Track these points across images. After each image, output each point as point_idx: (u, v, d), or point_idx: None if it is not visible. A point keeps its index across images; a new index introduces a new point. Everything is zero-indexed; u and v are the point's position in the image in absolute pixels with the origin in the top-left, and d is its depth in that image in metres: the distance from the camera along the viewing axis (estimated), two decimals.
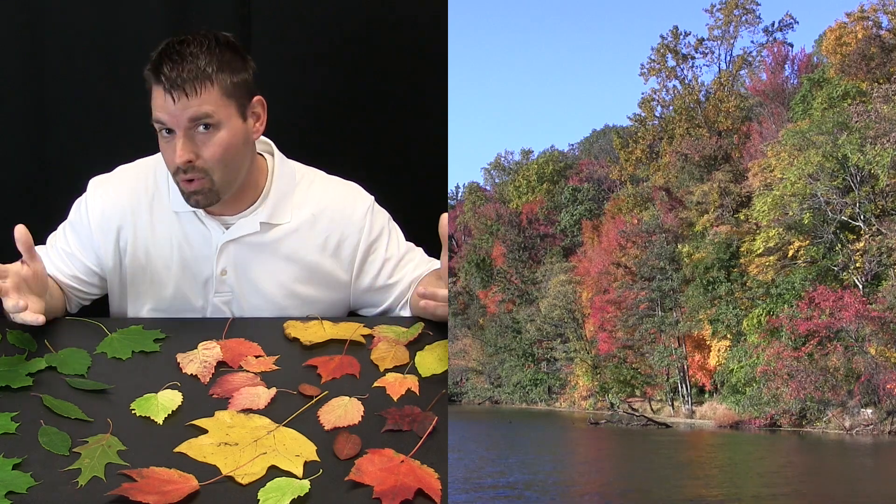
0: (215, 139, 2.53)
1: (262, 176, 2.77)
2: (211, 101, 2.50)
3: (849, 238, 24.87)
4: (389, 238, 2.90)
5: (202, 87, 2.48)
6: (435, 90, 3.55)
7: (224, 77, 2.53)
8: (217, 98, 2.51)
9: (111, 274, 2.81)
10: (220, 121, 2.53)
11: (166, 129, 2.52)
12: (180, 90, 2.46)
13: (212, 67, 2.50)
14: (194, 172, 2.54)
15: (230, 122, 2.55)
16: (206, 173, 2.55)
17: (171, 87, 2.46)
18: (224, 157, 2.56)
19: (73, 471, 1.90)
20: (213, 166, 2.55)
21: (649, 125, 40.33)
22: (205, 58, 2.50)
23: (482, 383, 48.06)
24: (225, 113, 2.54)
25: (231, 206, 2.73)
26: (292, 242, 2.77)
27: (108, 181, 2.80)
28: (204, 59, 2.50)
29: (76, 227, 2.80)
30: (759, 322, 25.57)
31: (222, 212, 2.73)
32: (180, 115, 2.48)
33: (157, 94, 2.50)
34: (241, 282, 2.78)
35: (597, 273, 35.96)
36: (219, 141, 2.53)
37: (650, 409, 33.13)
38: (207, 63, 2.50)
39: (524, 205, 52.83)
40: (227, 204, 2.71)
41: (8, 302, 2.39)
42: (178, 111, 2.47)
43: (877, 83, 25.91)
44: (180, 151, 2.50)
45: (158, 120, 2.52)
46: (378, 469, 1.95)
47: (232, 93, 2.55)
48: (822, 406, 23.20)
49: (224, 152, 2.55)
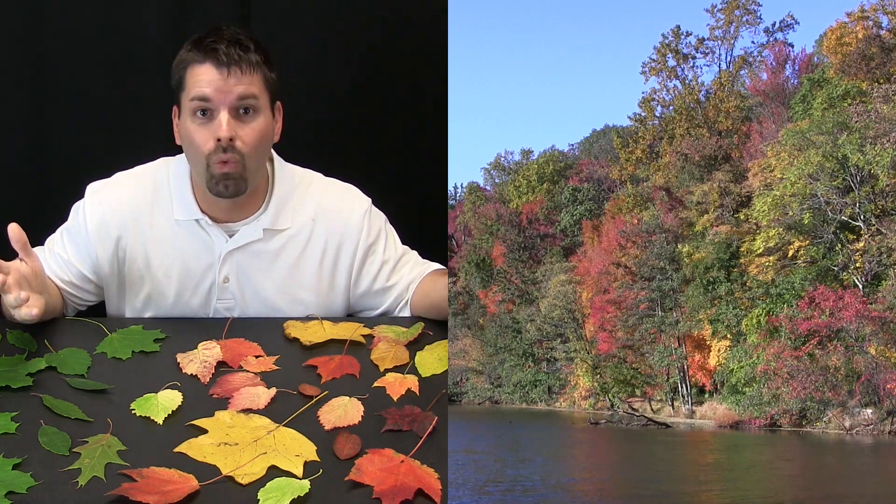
0: (254, 124, 2.57)
1: (265, 182, 2.77)
2: (256, 85, 2.56)
3: (849, 238, 24.88)
4: (387, 241, 2.90)
5: (252, 70, 2.55)
6: (435, 90, 3.55)
7: (265, 69, 2.60)
8: (260, 84, 2.57)
9: (108, 281, 2.79)
10: (260, 107, 2.58)
11: (202, 111, 2.53)
12: (236, 65, 2.51)
13: (258, 57, 2.58)
14: (233, 153, 2.54)
15: (266, 112, 2.61)
16: (242, 157, 2.55)
17: (228, 62, 2.50)
18: (259, 144, 2.59)
19: (73, 471, 1.90)
20: (249, 151, 2.56)
21: (649, 125, 40.35)
22: (252, 46, 2.58)
23: (482, 383, 48.07)
24: (264, 101, 2.60)
25: (236, 213, 2.72)
26: (293, 248, 2.77)
27: (107, 188, 2.77)
28: (252, 47, 2.57)
29: (73, 235, 2.77)
30: (758, 322, 25.57)
31: (227, 218, 2.72)
32: (231, 92, 2.51)
33: (205, 71, 2.52)
34: (244, 289, 2.77)
35: (597, 273, 35.98)
36: (258, 126, 2.57)
37: (650, 409, 33.14)
38: (254, 51, 2.57)
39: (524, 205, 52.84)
40: (233, 210, 2.71)
41: (9, 297, 2.39)
42: (230, 87, 2.50)
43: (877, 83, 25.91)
44: (226, 126, 2.51)
45: (203, 96, 2.51)
46: (378, 469, 1.95)
47: (269, 86, 2.62)
48: (822, 406, 23.20)
49: (260, 139, 2.59)
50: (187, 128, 2.56)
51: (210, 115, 2.53)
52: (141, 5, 3.51)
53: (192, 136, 2.56)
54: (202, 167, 2.58)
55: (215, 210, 2.71)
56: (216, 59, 2.51)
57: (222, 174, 2.55)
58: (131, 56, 3.52)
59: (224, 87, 2.50)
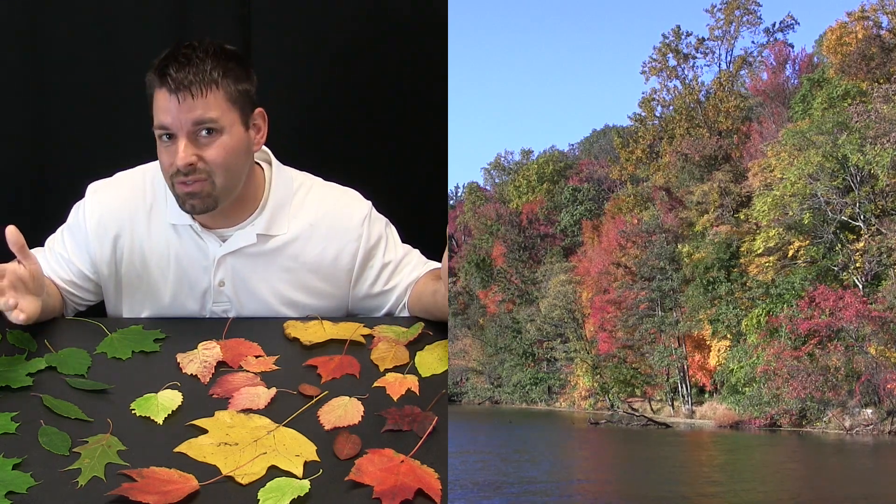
0: (218, 142, 2.52)
1: (260, 187, 2.75)
2: (216, 105, 2.49)
3: (849, 238, 24.88)
4: (387, 244, 2.88)
5: (208, 90, 2.48)
6: (435, 90, 3.55)
7: (228, 83, 2.52)
8: (222, 103, 2.51)
9: (106, 280, 2.79)
10: (223, 126, 2.52)
11: (167, 135, 2.50)
12: (186, 91, 2.45)
13: (217, 72, 2.50)
14: (196, 174, 2.51)
15: (233, 128, 2.55)
16: (209, 175, 2.52)
17: (177, 88, 2.45)
18: (226, 162, 2.53)
19: (73, 471, 1.90)
20: (215, 169, 2.52)
21: (649, 125, 40.33)
22: (211, 62, 2.50)
23: (482, 383, 48.06)
24: (228, 119, 2.53)
25: (228, 219, 2.71)
26: (290, 252, 2.76)
27: (107, 187, 2.78)
28: (210, 64, 2.50)
29: (73, 233, 2.78)
30: (758, 322, 25.56)
31: (219, 225, 2.71)
32: (185, 118, 2.46)
33: (161, 98, 2.49)
34: (240, 292, 2.76)
35: (597, 273, 35.96)
36: (221, 144, 2.52)
37: (650, 409, 33.13)
38: (213, 68, 2.50)
39: (524, 205, 52.82)
40: (224, 217, 2.69)
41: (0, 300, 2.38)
42: (183, 113, 2.46)
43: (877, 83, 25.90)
44: (182, 153, 2.47)
45: (161, 125, 2.49)
46: (378, 469, 1.95)
47: (236, 100, 2.55)
48: (822, 406, 23.20)
49: (226, 156, 2.53)
50: (158, 148, 2.57)
51: (174, 140, 2.51)
52: (141, 6, 3.51)
53: (160, 157, 2.57)
54: (171, 188, 2.58)
55: (204, 218, 2.69)
56: (168, 86, 2.47)
57: (186, 193, 2.54)
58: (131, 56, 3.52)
59: (178, 114, 2.46)
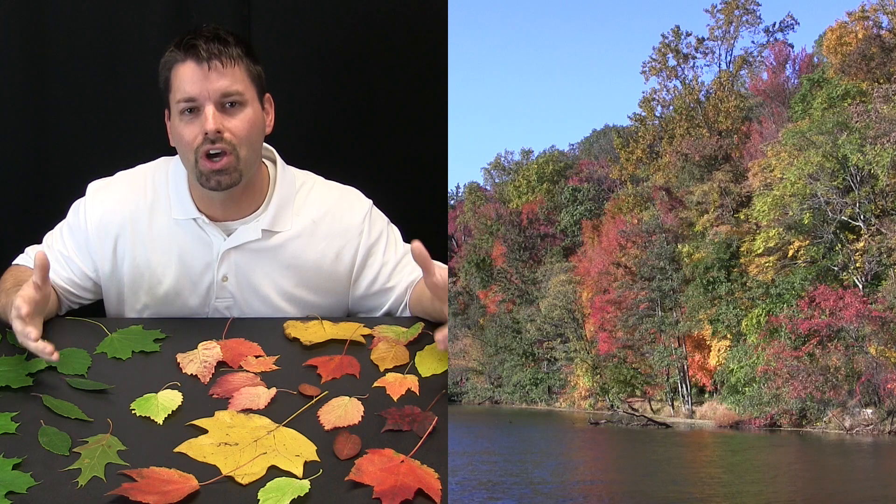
0: (242, 114, 2.59)
1: (265, 182, 2.79)
2: (241, 78, 2.59)
3: (849, 238, 24.88)
4: (387, 242, 2.90)
5: (234, 63, 2.58)
6: (435, 90, 3.55)
7: (248, 62, 2.63)
8: (244, 78, 2.60)
9: (107, 280, 2.80)
10: (247, 100, 2.60)
11: (189, 109, 2.55)
12: (217, 59, 2.54)
13: (239, 51, 2.61)
14: (222, 144, 2.55)
15: (253, 104, 2.63)
16: (234, 148, 2.57)
17: (209, 57, 2.53)
18: (249, 135, 2.61)
19: (73, 471, 1.90)
20: (239, 142, 2.58)
21: (649, 125, 40.35)
22: (233, 40, 2.61)
23: (482, 383, 48.08)
24: (250, 94, 2.62)
25: (234, 212, 2.73)
26: (293, 249, 2.78)
27: (108, 187, 2.79)
28: (233, 42, 2.60)
29: (74, 232, 2.79)
30: (758, 322, 25.57)
31: (225, 217, 2.73)
32: (213, 87, 2.53)
33: (187, 70, 2.55)
34: (243, 288, 2.78)
35: (597, 273, 35.97)
36: (245, 117, 2.60)
37: (650, 409, 33.13)
38: (235, 45, 2.60)
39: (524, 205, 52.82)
40: (235, 204, 2.72)
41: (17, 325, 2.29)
42: (212, 83, 2.53)
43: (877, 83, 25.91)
44: (212, 120, 2.53)
45: (188, 96, 2.54)
46: (378, 469, 1.95)
47: (254, 78, 2.64)
48: (822, 406, 23.20)
49: (250, 129, 2.61)
50: (177, 126, 2.59)
51: (197, 113, 2.56)
52: (141, 5, 3.51)
53: (181, 134, 2.59)
54: (192, 164, 2.60)
55: (212, 209, 2.72)
56: (196, 56, 2.54)
57: (215, 170, 2.58)
58: (131, 56, 3.52)
59: (207, 83, 2.54)
